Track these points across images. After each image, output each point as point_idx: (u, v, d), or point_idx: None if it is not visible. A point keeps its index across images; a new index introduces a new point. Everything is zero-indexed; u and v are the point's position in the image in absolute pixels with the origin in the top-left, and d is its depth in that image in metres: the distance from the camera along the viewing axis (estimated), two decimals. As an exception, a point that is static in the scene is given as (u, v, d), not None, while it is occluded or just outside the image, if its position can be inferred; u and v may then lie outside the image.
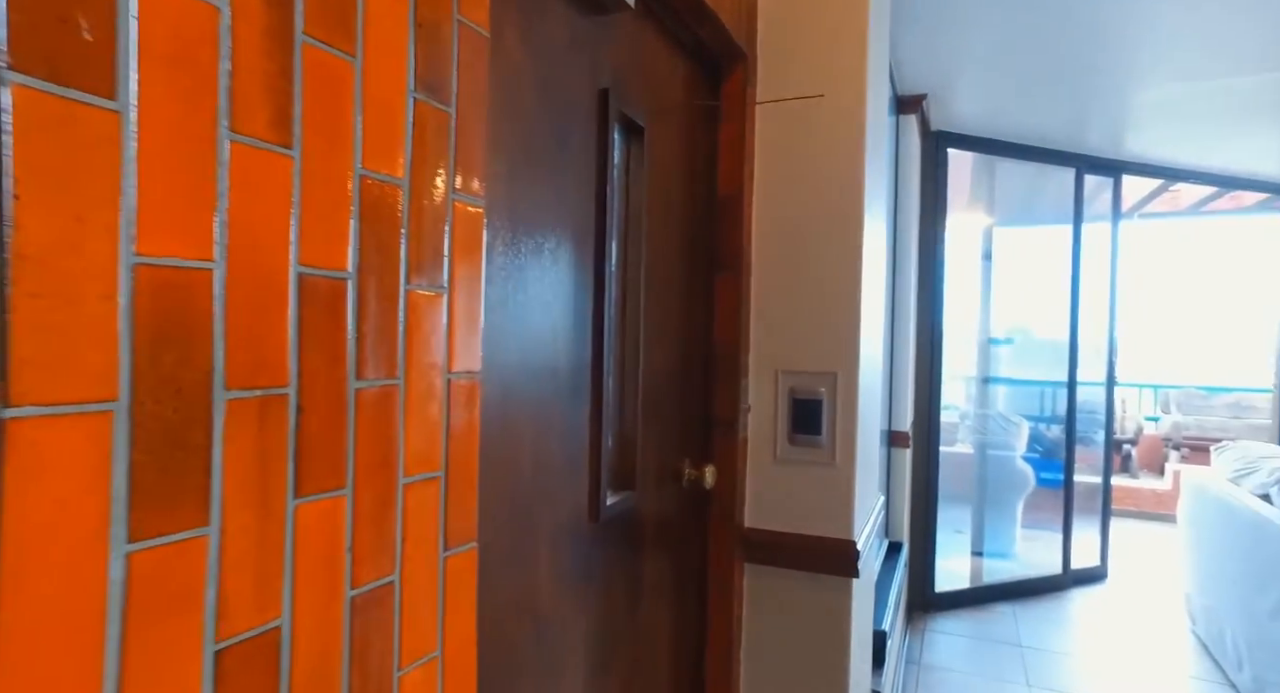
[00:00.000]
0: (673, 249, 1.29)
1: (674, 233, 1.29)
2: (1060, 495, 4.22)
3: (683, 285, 1.33)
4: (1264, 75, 2.88)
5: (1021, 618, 3.50)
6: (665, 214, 1.25)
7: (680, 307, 1.32)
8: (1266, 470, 2.87)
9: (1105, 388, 4.21)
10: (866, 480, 1.53)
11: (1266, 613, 2.48)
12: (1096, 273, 4.14)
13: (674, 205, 1.29)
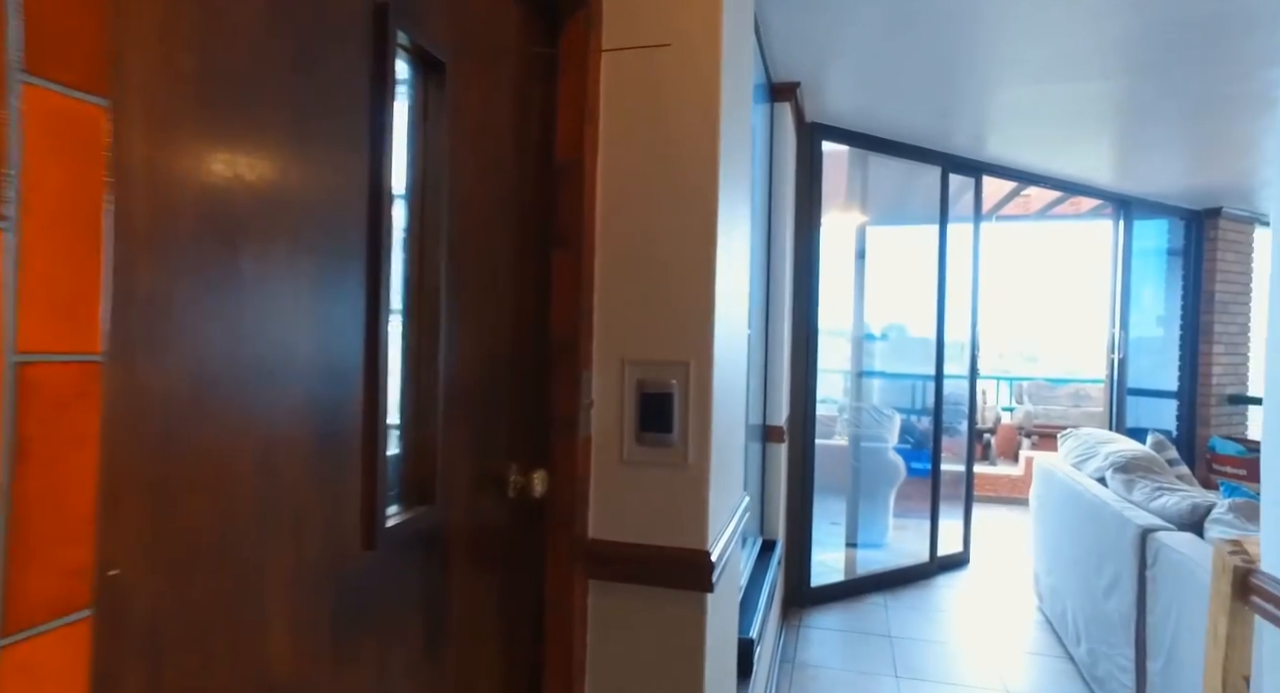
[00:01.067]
0: (496, 219, 1.09)
1: (498, 200, 1.10)
2: (929, 485, 4.35)
3: (510, 262, 1.14)
4: (1098, 82, 3.03)
5: (892, 608, 3.55)
6: (485, 177, 1.06)
7: (507, 287, 1.13)
8: (1102, 456, 3.02)
9: (968, 381, 4.38)
10: (725, 482, 1.40)
11: (1101, 591, 2.58)
12: (960, 271, 4.30)
13: (498, 168, 1.10)
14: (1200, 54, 2.71)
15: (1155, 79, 2.98)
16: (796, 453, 3.49)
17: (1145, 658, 2.25)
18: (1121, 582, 2.43)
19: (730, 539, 1.41)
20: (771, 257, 3.08)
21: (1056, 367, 8.73)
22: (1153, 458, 2.96)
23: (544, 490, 1.14)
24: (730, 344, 1.44)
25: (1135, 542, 2.34)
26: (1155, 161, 4.35)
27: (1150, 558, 2.24)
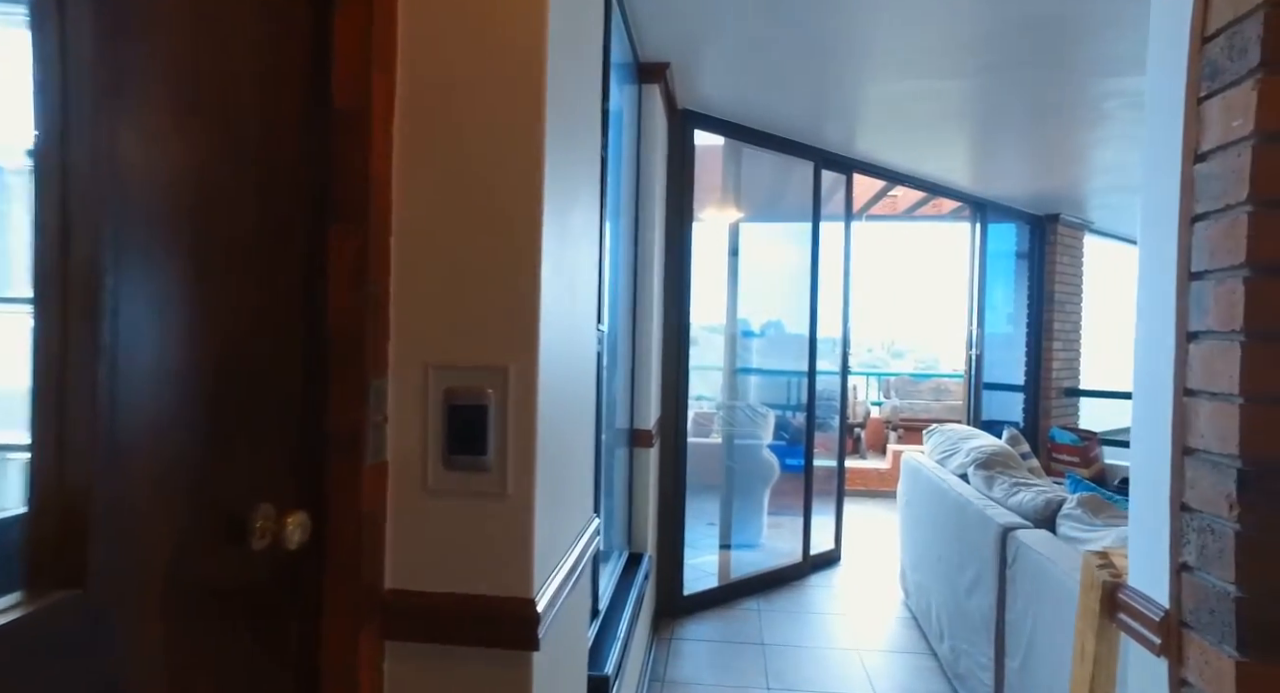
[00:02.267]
0: (229, 178, 0.81)
1: (230, 152, 0.81)
2: (804, 481, 4.34)
3: (260, 236, 0.86)
4: (955, 81, 3.06)
5: (765, 613, 3.47)
6: (205, 117, 0.77)
7: (253, 269, 0.85)
8: (964, 452, 3.06)
9: (840, 377, 4.40)
10: (560, 511, 1.17)
11: (964, 589, 2.59)
12: (832, 269, 4.31)
13: (230, 106, 0.81)
14: (1044, 58, 2.77)
15: (1004, 80, 3.04)
16: (668, 456, 3.34)
17: (1004, 656, 2.25)
18: (983, 580, 2.43)
19: (569, 579, 1.18)
20: (639, 250, 2.89)
21: (922, 363, 9.20)
22: (1009, 453, 3.02)
23: (304, 538, 0.87)
24: (568, 345, 1.22)
25: (997, 541, 2.33)
26: (1005, 166, 4.55)
27: (1010, 557, 2.23)
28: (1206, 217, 0.99)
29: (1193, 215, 1.02)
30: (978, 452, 2.99)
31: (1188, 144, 1.03)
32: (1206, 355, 0.99)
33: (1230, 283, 0.94)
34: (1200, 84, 1.02)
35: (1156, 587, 1.07)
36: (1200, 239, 1.01)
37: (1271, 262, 0.91)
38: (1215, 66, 0.99)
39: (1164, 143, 1.09)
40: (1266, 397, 0.92)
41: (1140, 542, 1.12)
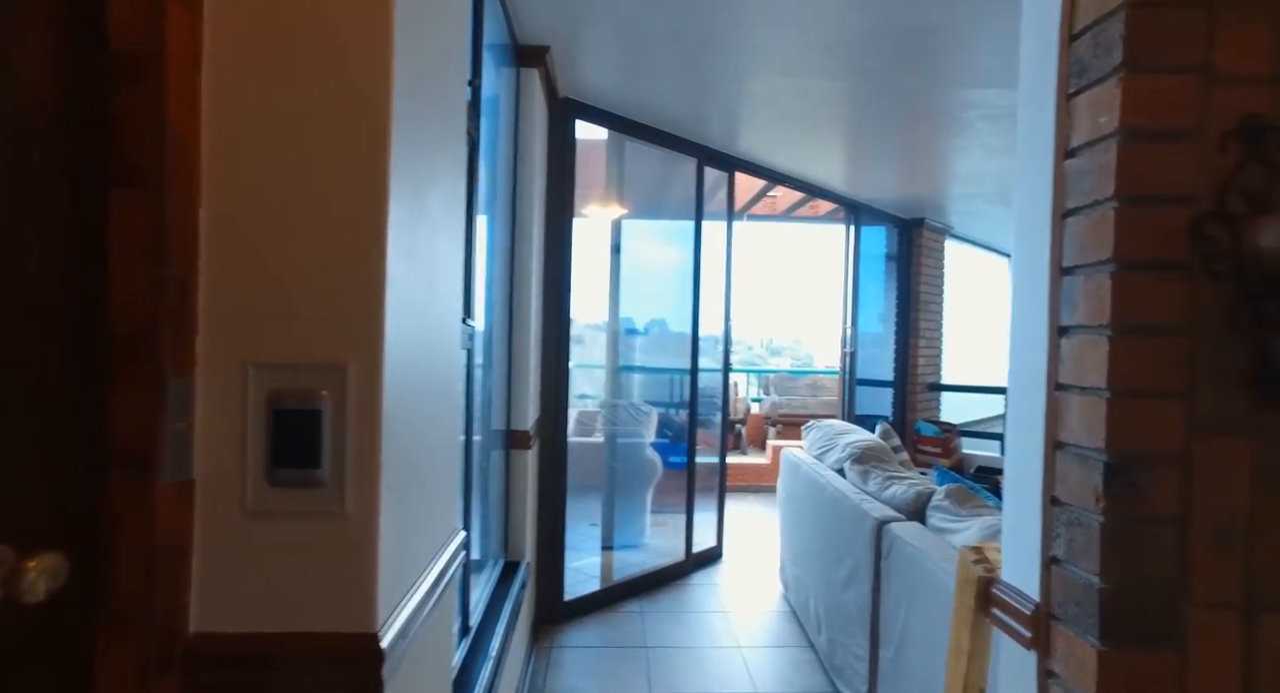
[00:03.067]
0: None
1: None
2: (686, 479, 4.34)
3: None
4: (831, 82, 3.13)
5: (648, 615, 3.42)
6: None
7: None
8: (840, 447, 3.14)
9: (722, 374, 4.43)
10: (412, 528, 1.03)
11: (841, 582, 2.64)
12: (715, 267, 4.33)
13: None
14: (911, 65, 2.88)
15: (875, 85, 3.14)
16: (548, 458, 3.21)
17: (879, 647, 2.29)
18: (859, 573, 2.47)
19: (427, 603, 1.05)
20: (516, 243, 2.75)
21: (798, 360, 9.56)
22: (882, 447, 3.12)
23: (55, 585, 0.69)
24: (426, 342, 1.08)
25: (872, 534, 2.38)
26: (877, 170, 4.75)
27: (885, 549, 2.28)
28: (1077, 212, 1.00)
29: (1064, 211, 1.03)
30: (853, 447, 3.07)
31: (1059, 140, 1.04)
32: (1076, 350, 0.99)
33: (1098, 278, 0.95)
34: (1069, 81, 1.02)
35: (1028, 581, 1.08)
36: (1071, 234, 1.01)
37: (1136, 257, 0.92)
38: (1082, 64, 1.00)
39: (1037, 139, 1.09)
40: (1131, 391, 0.92)
41: (1013, 536, 1.13)
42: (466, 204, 1.87)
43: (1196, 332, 0.93)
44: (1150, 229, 0.93)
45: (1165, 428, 0.93)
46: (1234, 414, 0.93)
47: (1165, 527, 0.93)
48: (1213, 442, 0.93)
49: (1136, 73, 0.92)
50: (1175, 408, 0.93)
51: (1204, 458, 0.93)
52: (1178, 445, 0.93)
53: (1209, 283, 0.93)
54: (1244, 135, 0.92)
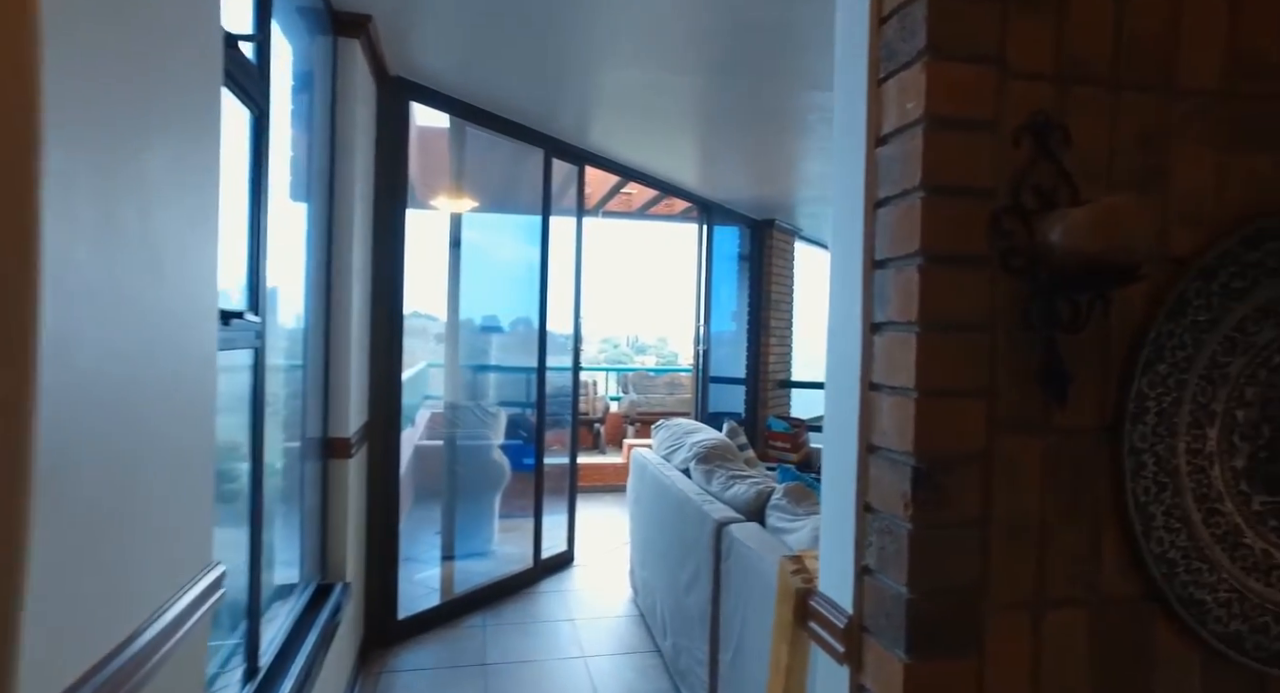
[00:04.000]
0: None
1: None
2: (547, 481, 4.18)
3: None
4: (683, 77, 3.09)
5: (492, 628, 3.23)
6: None
7: None
8: (687, 446, 3.11)
9: (571, 373, 4.30)
10: (112, 575, 0.81)
11: (684, 585, 2.59)
12: (567, 263, 4.20)
13: None
14: (759, 64, 2.89)
15: (725, 82, 3.13)
16: (378, 466, 2.94)
17: (718, 650, 2.26)
18: (701, 576, 2.43)
19: (136, 668, 0.83)
20: (334, 231, 2.47)
21: (663, 358, 9.64)
22: (728, 446, 3.12)
23: None
24: (137, 337, 0.86)
25: (712, 535, 2.34)
26: (729, 169, 4.81)
27: (725, 552, 2.25)
28: (888, 202, 0.95)
29: (876, 201, 0.98)
30: (699, 446, 3.04)
31: (870, 127, 0.99)
32: (888, 347, 0.94)
33: (907, 271, 0.90)
34: (880, 65, 0.98)
35: (842, 592, 1.03)
36: (882, 225, 0.96)
37: (942, 250, 0.88)
38: (891, 48, 0.95)
39: (850, 126, 1.04)
40: (937, 390, 0.88)
41: (829, 545, 1.08)
42: (255, 183, 1.61)
43: (997, 328, 0.91)
44: (955, 221, 0.89)
45: (969, 428, 0.89)
46: (1028, 412, 0.92)
47: (968, 530, 0.90)
48: (1009, 440, 0.91)
49: (939, 59, 0.88)
50: (978, 407, 0.90)
51: (1002, 457, 0.91)
52: (980, 446, 0.90)
53: (1007, 278, 0.91)
54: (1034, 130, 0.90)
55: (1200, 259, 0.94)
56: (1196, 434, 0.95)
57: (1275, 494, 0.97)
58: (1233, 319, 0.95)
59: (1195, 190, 0.96)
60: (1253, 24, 0.97)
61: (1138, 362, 0.93)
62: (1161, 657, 0.96)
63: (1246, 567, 0.97)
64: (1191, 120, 0.96)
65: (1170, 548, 0.94)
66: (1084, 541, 0.94)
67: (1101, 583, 0.94)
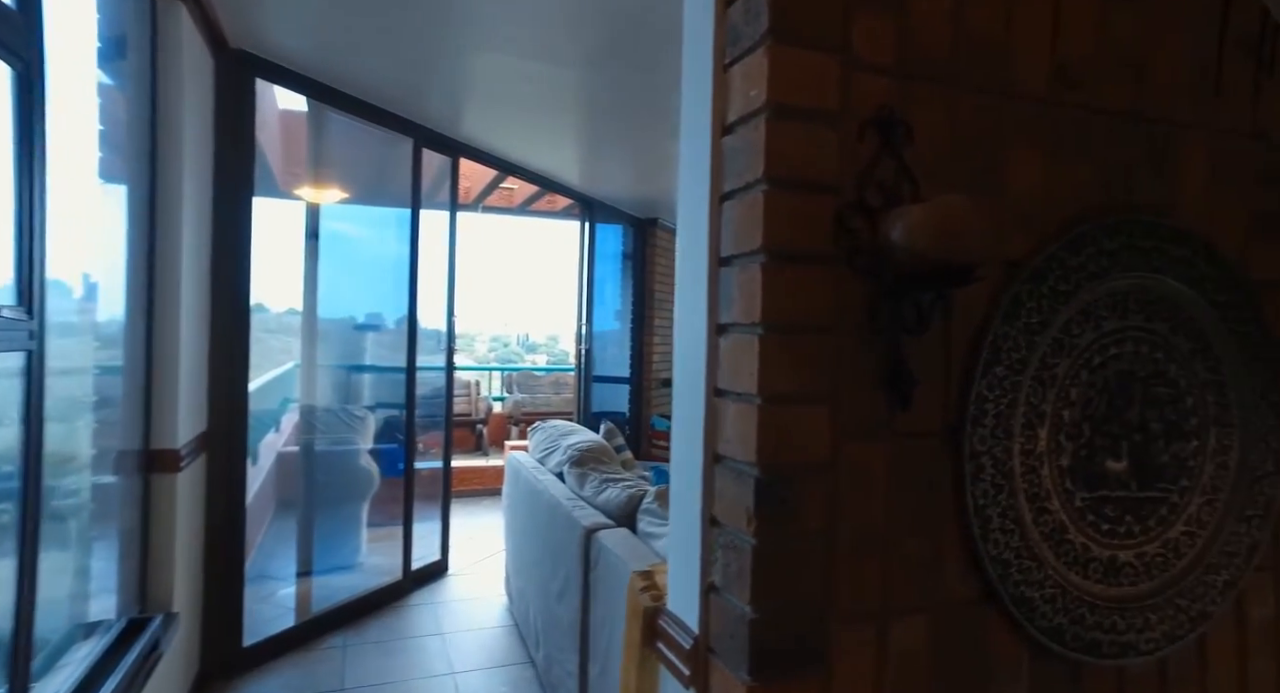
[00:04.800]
0: None
1: None
2: (419, 486, 3.95)
3: None
4: (564, 68, 2.98)
5: (353, 649, 3.00)
6: None
7: None
8: (562, 449, 3.01)
9: (445, 372, 4.10)
10: None
11: (556, 595, 2.50)
12: (441, 258, 3.99)
13: None
14: (636, 59, 2.83)
15: (605, 76, 3.05)
16: (220, 479, 2.65)
17: (588, 662, 2.18)
18: (571, 584, 2.34)
19: None
20: (157, 218, 2.19)
21: (554, 357, 9.46)
22: (604, 448, 3.05)
23: None
24: None
25: (581, 543, 2.25)
26: (611, 167, 4.74)
27: (593, 559, 2.17)
28: (733, 195, 0.89)
29: (721, 193, 0.92)
30: (574, 449, 2.95)
31: (716, 115, 0.93)
32: (733, 350, 0.89)
33: (751, 269, 0.85)
34: (725, 50, 0.92)
35: (690, 611, 0.97)
36: (728, 220, 0.91)
37: (786, 247, 0.83)
38: (736, 32, 0.89)
39: (697, 114, 0.98)
40: (780, 396, 0.83)
41: (677, 561, 1.02)
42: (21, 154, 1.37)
43: (843, 330, 0.87)
44: (799, 217, 0.84)
45: (814, 437, 0.85)
46: (873, 418, 0.89)
47: (813, 543, 0.86)
48: (854, 448, 0.88)
49: (783, 43, 0.83)
50: (823, 414, 0.86)
51: (847, 466, 0.87)
52: (826, 455, 0.86)
53: (853, 278, 0.87)
54: (878, 125, 0.88)
55: (1031, 262, 0.94)
56: (1029, 435, 0.96)
57: (1094, 490, 1.00)
58: (1060, 321, 0.96)
59: (1028, 194, 0.97)
60: (1070, 37, 0.99)
61: (977, 364, 0.92)
62: (995, 656, 0.97)
63: (1068, 561, 0.99)
64: (1024, 125, 0.97)
65: (1005, 549, 0.94)
66: (928, 547, 0.92)
67: (943, 589, 0.93)
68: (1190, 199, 1.08)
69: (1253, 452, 1.10)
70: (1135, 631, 1.02)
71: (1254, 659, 1.16)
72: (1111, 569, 1.01)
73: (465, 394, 8.10)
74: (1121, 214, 1.00)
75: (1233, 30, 1.11)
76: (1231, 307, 1.07)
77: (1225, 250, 1.08)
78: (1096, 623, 1.00)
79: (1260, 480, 1.11)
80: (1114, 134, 1.02)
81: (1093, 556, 1.00)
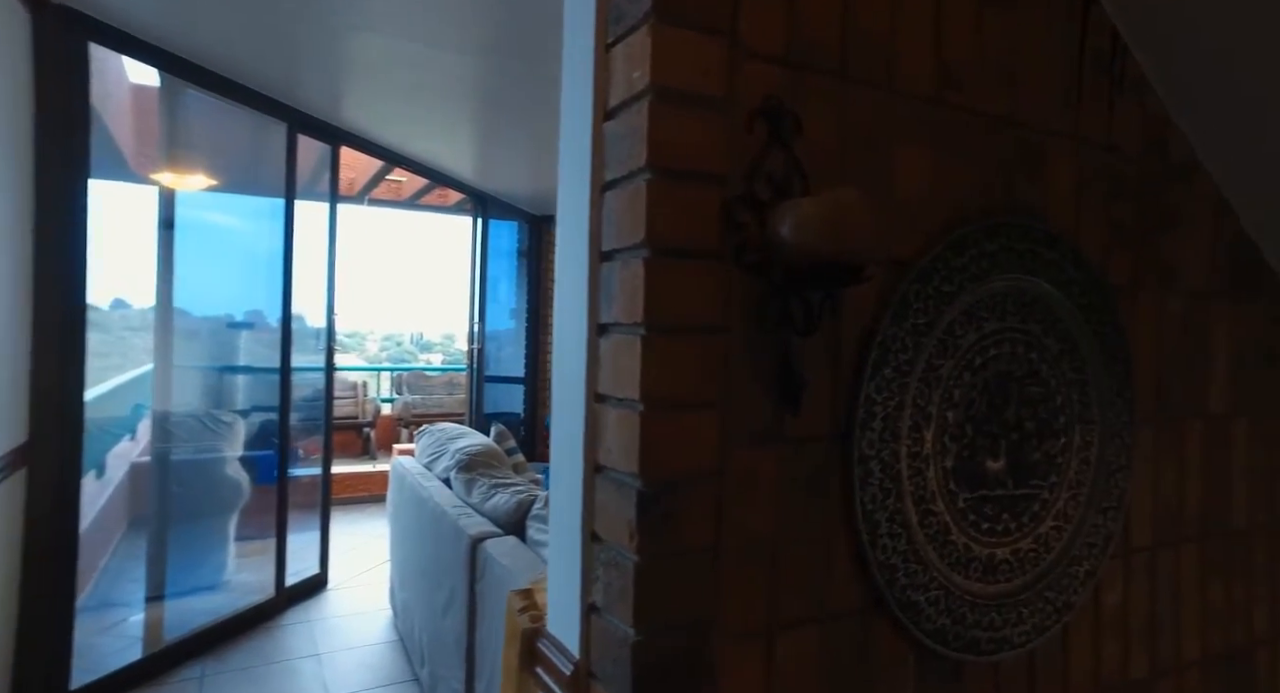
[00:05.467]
0: None
1: None
2: (296, 495, 3.66)
3: None
4: (456, 56, 2.83)
5: (213, 678, 2.73)
6: None
7: None
8: (450, 454, 2.87)
9: (325, 373, 3.83)
10: None
11: (441, 608, 2.37)
12: (322, 252, 3.73)
13: None
14: (540, 50, 2.72)
15: (500, 67, 2.92)
16: (40, 497, 2.34)
17: (474, 680, 2.06)
18: (456, 597, 2.22)
19: None
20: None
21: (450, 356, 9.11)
22: (494, 452, 2.93)
23: None
24: None
25: (467, 553, 2.13)
26: (506, 160, 4.59)
27: (480, 570, 2.06)
28: (615, 185, 0.83)
29: (603, 183, 0.85)
30: (462, 453, 2.81)
31: (598, 98, 0.86)
32: (614, 352, 0.82)
33: (633, 265, 0.79)
34: (608, 28, 0.85)
35: (570, 633, 0.90)
36: (609, 211, 0.84)
37: (671, 242, 0.78)
38: (619, 9, 0.83)
39: (578, 96, 0.91)
40: (665, 401, 0.78)
41: (557, 579, 0.94)
42: None
43: (731, 331, 0.83)
44: (685, 210, 0.79)
45: (700, 444, 0.80)
46: (762, 422, 0.85)
47: (700, 557, 0.80)
48: (743, 455, 0.83)
49: (667, 23, 0.77)
50: (711, 420, 0.81)
51: (735, 474, 0.83)
52: (713, 463, 0.81)
53: (742, 276, 0.83)
54: (767, 115, 0.84)
55: (919, 262, 0.93)
56: (916, 437, 0.95)
57: (975, 491, 1.01)
58: (944, 322, 0.96)
59: (915, 193, 0.96)
60: (950, 39, 0.99)
61: (866, 366, 0.90)
62: (882, 662, 0.95)
63: (951, 562, 0.99)
64: (911, 123, 0.96)
65: (892, 554, 0.93)
66: (817, 555, 0.89)
67: (831, 597, 0.91)
68: (1059, 205, 1.11)
69: (1109, 447, 1.15)
70: (1010, 625, 1.04)
71: (1106, 643, 1.22)
72: (990, 567, 1.02)
73: (351, 396, 7.68)
74: (1000, 217, 1.01)
75: (1090, 46, 1.15)
76: (1094, 309, 1.11)
77: (1089, 255, 1.12)
78: (976, 621, 1.01)
79: (1115, 474, 1.17)
80: (992, 137, 1.04)
81: (973, 555, 1.01)
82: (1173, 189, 1.29)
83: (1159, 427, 1.27)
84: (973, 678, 1.03)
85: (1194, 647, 1.35)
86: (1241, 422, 1.42)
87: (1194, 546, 1.35)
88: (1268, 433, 1.46)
